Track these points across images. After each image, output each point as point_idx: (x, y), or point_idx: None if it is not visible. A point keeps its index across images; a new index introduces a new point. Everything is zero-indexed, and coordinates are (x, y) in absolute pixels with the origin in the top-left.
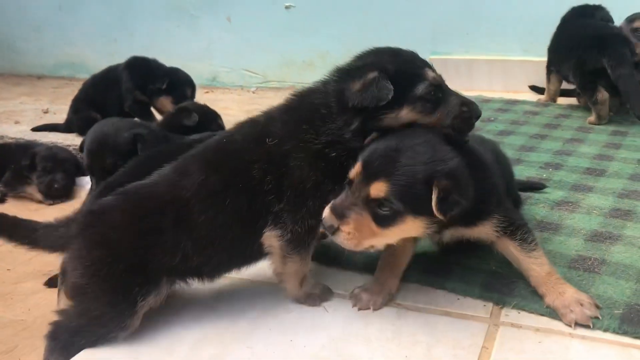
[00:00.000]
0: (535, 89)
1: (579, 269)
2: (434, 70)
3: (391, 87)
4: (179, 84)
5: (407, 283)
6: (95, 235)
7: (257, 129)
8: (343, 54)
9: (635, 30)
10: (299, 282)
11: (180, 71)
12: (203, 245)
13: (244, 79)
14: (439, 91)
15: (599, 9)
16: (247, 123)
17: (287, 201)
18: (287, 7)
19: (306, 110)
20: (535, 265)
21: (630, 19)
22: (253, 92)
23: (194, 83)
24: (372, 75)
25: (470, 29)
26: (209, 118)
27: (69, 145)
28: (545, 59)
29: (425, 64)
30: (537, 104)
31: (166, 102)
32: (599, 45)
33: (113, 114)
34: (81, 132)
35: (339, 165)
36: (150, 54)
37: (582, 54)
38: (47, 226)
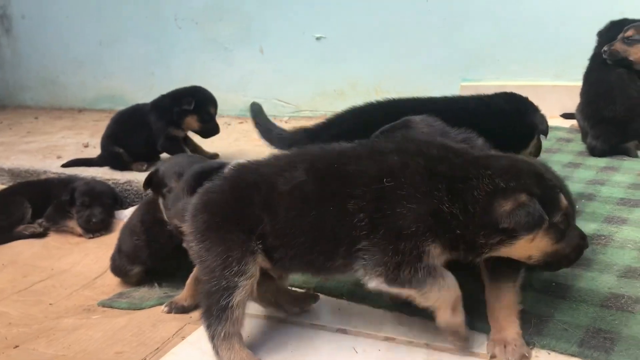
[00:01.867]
0: (567, 116)
1: (611, 308)
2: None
3: (545, 215)
4: (203, 103)
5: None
6: (200, 202)
7: (380, 164)
8: (374, 83)
9: (627, 38)
10: (451, 309)
11: (202, 89)
12: (278, 233)
13: (276, 109)
14: (568, 220)
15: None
16: (375, 149)
17: (376, 240)
18: (317, 38)
19: (449, 182)
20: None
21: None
22: (286, 122)
23: (216, 100)
24: (523, 198)
25: (501, 55)
26: None
27: (109, 179)
28: (577, 83)
29: (558, 188)
30: (570, 129)
31: (192, 121)
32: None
33: (137, 151)
34: (112, 167)
35: (448, 237)
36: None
37: None
38: None
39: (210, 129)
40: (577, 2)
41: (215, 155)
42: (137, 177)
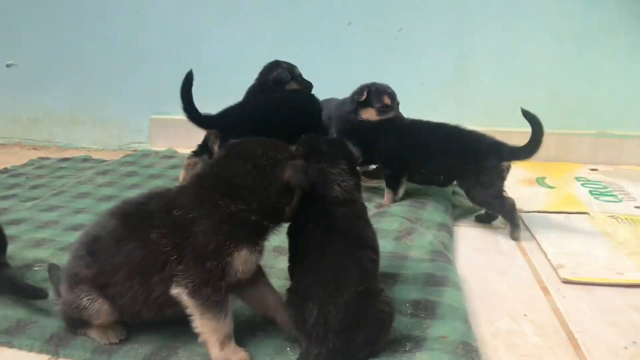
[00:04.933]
0: None
1: None
2: None
3: None
4: None
5: None
6: None
7: (167, 200)
8: (69, 112)
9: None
10: (219, 343)
11: None
12: (108, 274)
13: None
14: None
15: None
16: (161, 194)
17: (187, 262)
18: (8, 65)
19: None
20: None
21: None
22: None
23: None
24: None
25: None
26: None
27: None
28: None
29: None
30: None
31: None
32: None
33: None
34: None
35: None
36: None
37: None
38: None
39: None
40: (254, 51)
41: None
42: None
